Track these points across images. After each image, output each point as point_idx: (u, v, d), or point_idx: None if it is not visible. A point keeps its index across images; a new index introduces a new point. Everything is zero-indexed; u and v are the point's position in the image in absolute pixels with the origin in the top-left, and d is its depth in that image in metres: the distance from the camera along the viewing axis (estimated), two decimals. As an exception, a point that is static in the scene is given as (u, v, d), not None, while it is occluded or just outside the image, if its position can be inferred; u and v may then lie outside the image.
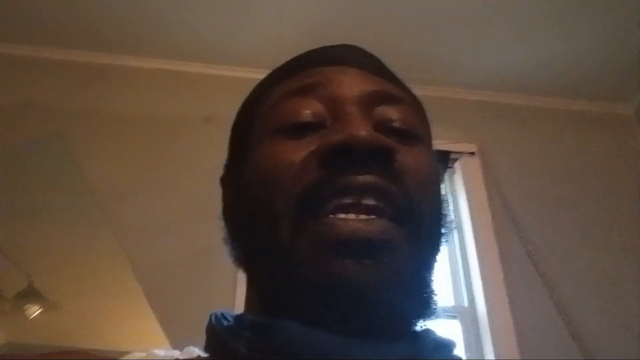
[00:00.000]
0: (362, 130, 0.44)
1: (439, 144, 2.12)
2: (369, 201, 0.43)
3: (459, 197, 2.05)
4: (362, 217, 0.43)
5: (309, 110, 0.48)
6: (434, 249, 0.48)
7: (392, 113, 0.49)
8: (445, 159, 2.02)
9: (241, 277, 1.61)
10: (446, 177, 2.11)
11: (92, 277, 1.69)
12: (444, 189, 1.91)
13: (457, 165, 2.10)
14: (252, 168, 0.49)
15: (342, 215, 0.42)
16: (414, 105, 0.54)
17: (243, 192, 0.50)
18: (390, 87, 0.52)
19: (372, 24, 2.00)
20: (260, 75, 2.07)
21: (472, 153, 2.10)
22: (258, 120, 0.52)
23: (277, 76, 0.55)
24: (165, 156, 1.93)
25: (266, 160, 0.47)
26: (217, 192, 1.81)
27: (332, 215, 0.43)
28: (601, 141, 2.25)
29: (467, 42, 2.10)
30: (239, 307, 0.51)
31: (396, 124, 0.49)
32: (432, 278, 0.47)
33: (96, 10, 1.94)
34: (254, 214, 0.47)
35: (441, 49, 2.13)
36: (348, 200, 0.43)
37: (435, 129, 0.59)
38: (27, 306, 1.61)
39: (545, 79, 2.26)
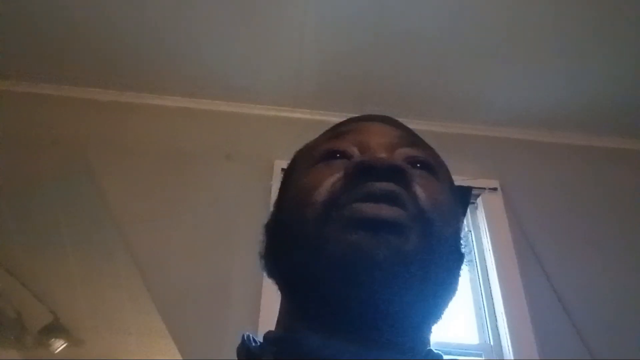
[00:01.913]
0: (382, 154, 0.53)
1: (461, 180, 2.13)
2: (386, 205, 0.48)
3: (481, 233, 2.04)
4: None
5: (342, 145, 0.56)
6: (447, 267, 0.50)
7: (412, 151, 0.56)
8: (467, 195, 2.02)
9: (264, 305, 1.61)
10: (468, 212, 2.10)
11: (115, 311, 1.70)
12: (467, 225, 1.90)
13: (479, 201, 2.09)
14: (290, 191, 0.58)
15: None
16: (433, 153, 0.61)
17: (281, 209, 0.59)
18: (412, 136, 0.60)
19: (391, 62, 2.04)
20: (279, 112, 2.12)
21: (495, 189, 2.10)
22: (299, 161, 0.61)
23: (322, 133, 0.64)
24: (187, 190, 1.97)
25: (302, 182, 0.55)
26: (235, 223, 1.85)
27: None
28: (623, 177, 2.23)
29: (488, 78, 2.12)
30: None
31: (416, 158, 0.56)
32: (443, 297, 0.50)
33: (121, 51, 2.02)
34: (289, 221, 0.54)
35: (463, 86, 2.16)
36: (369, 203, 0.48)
37: (458, 165, 0.62)
38: (52, 340, 1.62)
39: (567, 115, 2.27)
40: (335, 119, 0.67)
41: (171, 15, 1.87)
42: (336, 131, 0.60)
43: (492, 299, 1.89)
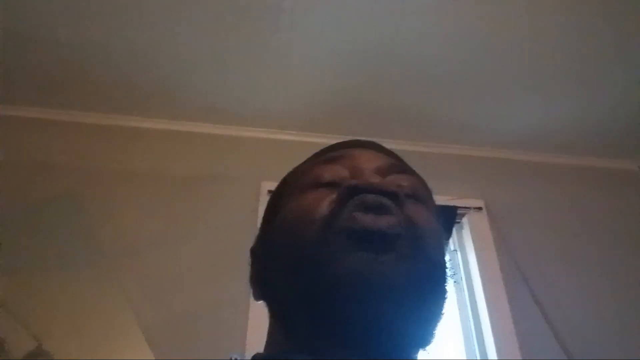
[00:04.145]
0: (374, 179, 0.54)
1: (446, 200, 2.15)
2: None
3: (467, 252, 2.06)
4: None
5: (334, 172, 0.57)
6: (435, 288, 0.52)
7: (401, 179, 0.58)
8: (452, 214, 2.03)
9: (252, 327, 1.60)
10: (454, 232, 2.12)
11: (100, 337, 1.68)
12: (453, 244, 1.91)
13: (464, 220, 2.11)
14: (282, 214, 0.57)
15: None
16: (420, 180, 0.62)
17: (272, 232, 0.58)
18: (401, 164, 0.62)
19: (377, 84, 2.06)
20: (266, 134, 2.13)
21: (479, 208, 2.12)
22: (291, 184, 0.61)
23: (311, 157, 0.65)
24: (174, 213, 1.96)
25: (296, 205, 0.55)
26: (226, 247, 1.83)
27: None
28: (606, 196, 2.28)
29: (473, 102, 2.15)
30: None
31: (406, 186, 0.57)
32: (434, 318, 0.51)
33: (110, 74, 2.01)
34: (283, 243, 0.54)
35: (448, 109, 2.18)
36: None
37: (443, 185, 0.64)
38: (36, 367, 1.60)
39: (550, 136, 2.31)
40: (322, 140, 0.68)
41: (162, 39, 1.87)
42: (327, 156, 0.61)
43: (479, 317, 1.90)
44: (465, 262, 2.05)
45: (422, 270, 0.49)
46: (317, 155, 0.64)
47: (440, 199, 0.63)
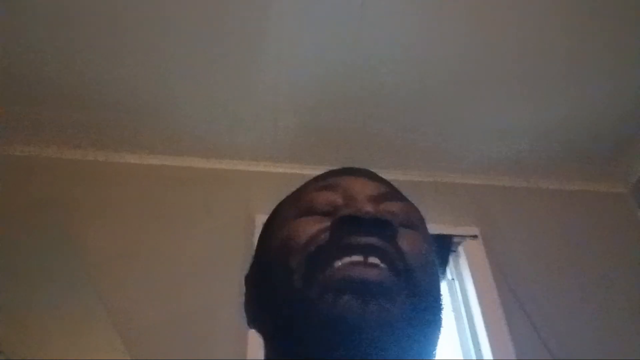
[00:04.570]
0: (368, 208, 0.53)
1: (441, 228, 2.13)
2: (374, 260, 0.49)
3: (465, 281, 2.04)
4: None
5: (328, 198, 0.58)
6: (431, 319, 0.52)
7: (395, 207, 0.58)
8: (448, 244, 2.03)
9: (251, 341, 1.56)
10: (451, 261, 2.10)
11: (101, 337, 1.67)
12: (450, 273, 1.89)
13: (460, 249, 2.10)
14: (275, 239, 0.58)
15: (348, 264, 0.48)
16: (413, 207, 0.62)
17: (263, 260, 0.59)
18: (395, 191, 0.62)
19: (365, 114, 2.08)
20: (258, 167, 2.11)
21: (475, 236, 2.11)
22: (285, 209, 0.62)
23: (304, 184, 0.65)
24: (168, 247, 1.94)
25: (287, 232, 0.56)
26: (217, 279, 1.81)
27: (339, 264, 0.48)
28: (599, 219, 2.28)
29: (464, 126, 2.17)
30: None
31: (399, 216, 0.57)
32: (429, 351, 0.51)
33: (99, 109, 2.02)
34: (273, 272, 0.55)
35: (439, 135, 2.20)
36: (356, 258, 0.48)
37: (437, 213, 0.63)
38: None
39: (543, 160, 2.33)
40: (315, 171, 0.68)
41: (150, 75, 1.89)
42: (321, 184, 0.61)
43: (479, 345, 1.88)
44: (463, 291, 2.03)
45: (415, 306, 0.48)
46: (310, 183, 0.64)
47: (434, 228, 0.64)
